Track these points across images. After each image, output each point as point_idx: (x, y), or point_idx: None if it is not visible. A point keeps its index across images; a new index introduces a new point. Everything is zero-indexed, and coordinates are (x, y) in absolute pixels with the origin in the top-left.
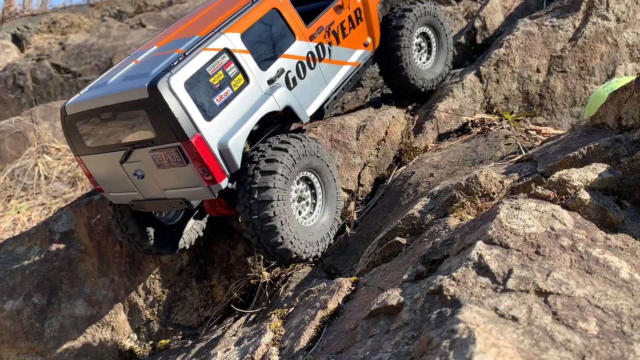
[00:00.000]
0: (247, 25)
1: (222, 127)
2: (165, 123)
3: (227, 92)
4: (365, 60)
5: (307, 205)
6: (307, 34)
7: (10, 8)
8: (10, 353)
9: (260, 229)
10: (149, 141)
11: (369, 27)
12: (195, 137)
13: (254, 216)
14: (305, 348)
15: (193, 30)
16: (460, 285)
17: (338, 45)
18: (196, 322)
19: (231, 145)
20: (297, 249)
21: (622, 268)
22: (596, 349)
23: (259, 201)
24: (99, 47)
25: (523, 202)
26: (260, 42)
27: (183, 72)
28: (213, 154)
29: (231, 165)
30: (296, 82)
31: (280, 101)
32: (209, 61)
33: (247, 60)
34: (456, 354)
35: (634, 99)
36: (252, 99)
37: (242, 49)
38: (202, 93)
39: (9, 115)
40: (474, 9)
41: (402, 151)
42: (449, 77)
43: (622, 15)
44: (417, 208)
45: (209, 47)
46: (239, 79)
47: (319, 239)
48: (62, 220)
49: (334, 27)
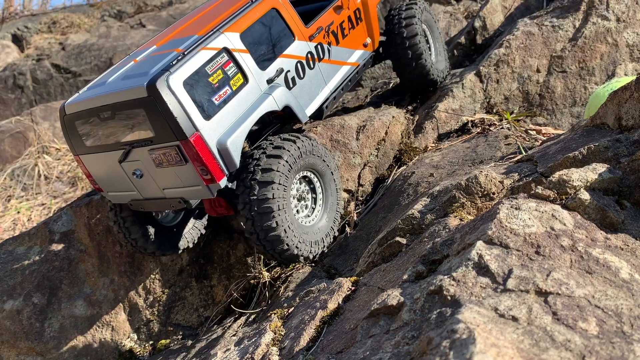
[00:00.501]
0: (246, 25)
1: (221, 126)
2: (164, 122)
3: (226, 92)
4: (364, 60)
5: (306, 208)
6: (307, 34)
7: (10, 8)
8: (10, 353)
9: (257, 209)
10: (148, 140)
11: (369, 27)
12: (194, 136)
13: (252, 196)
14: (305, 348)
15: (192, 30)
16: (460, 285)
17: (337, 45)
18: (196, 322)
19: (230, 144)
20: (289, 239)
21: (622, 268)
22: (596, 349)
23: (260, 181)
24: (99, 47)
25: (523, 202)
26: (260, 42)
27: (182, 71)
28: (212, 153)
29: (230, 164)
30: (295, 82)
31: (279, 101)
32: (208, 60)
33: (246, 59)
34: (456, 354)
35: (634, 99)
36: (251, 98)
37: (242, 48)
38: (201, 92)
39: (9, 115)
40: (474, 9)
41: (402, 151)
42: (449, 77)
43: (622, 15)
44: (417, 208)
45: (208, 46)
46: (238, 78)
47: (313, 240)
48: (62, 220)
49: (334, 28)
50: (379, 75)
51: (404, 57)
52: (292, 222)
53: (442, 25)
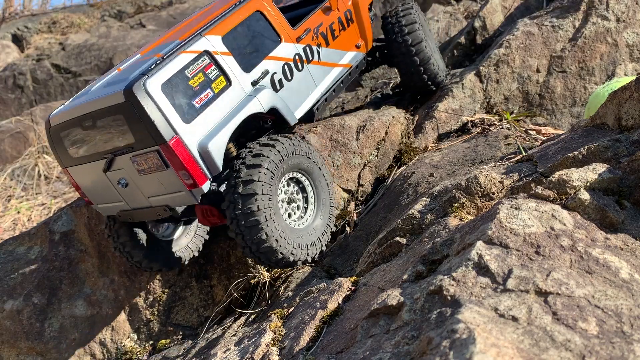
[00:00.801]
0: (228, 27)
1: (202, 129)
2: (142, 127)
3: (207, 95)
4: (357, 62)
5: (298, 209)
6: (294, 35)
7: (10, 8)
8: (10, 353)
9: (244, 224)
10: (129, 147)
11: (361, 29)
12: (173, 140)
13: (237, 211)
14: (305, 348)
15: (176, 36)
16: (460, 285)
17: (328, 47)
18: (196, 322)
19: (211, 147)
20: (283, 248)
21: (622, 268)
22: (596, 349)
23: (243, 194)
24: (99, 47)
25: (523, 202)
26: (243, 45)
27: (160, 74)
28: (193, 156)
29: (212, 167)
30: (283, 83)
31: (264, 102)
32: (188, 63)
33: (228, 62)
34: (456, 354)
35: (634, 99)
36: (234, 100)
37: (224, 51)
38: (180, 95)
39: (9, 115)
40: (474, 9)
41: (402, 151)
42: (449, 77)
43: (622, 15)
44: (417, 208)
45: (188, 49)
46: (221, 81)
47: (309, 242)
48: (62, 220)
49: (323, 29)
50: (379, 75)
51: (412, 65)
52: (284, 230)
53: (442, 25)
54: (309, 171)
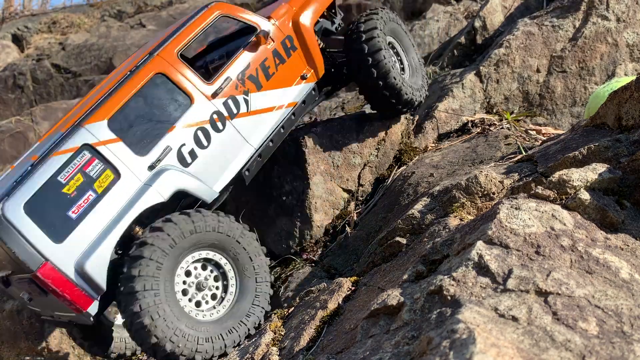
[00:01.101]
0: (115, 107)
1: (80, 245)
2: (10, 256)
3: (87, 199)
4: (304, 96)
5: (213, 298)
6: (209, 91)
7: (10, 8)
8: (10, 353)
9: (131, 328)
10: (12, 272)
11: (307, 55)
12: (42, 268)
13: (123, 312)
14: (305, 348)
15: (66, 122)
16: (460, 285)
17: (260, 90)
18: None
19: (89, 266)
20: (181, 349)
21: (622, 268)
22: (596, 349)
23: (124, 294)
24: (99, 47)
25: (523, 202)
26: (137, 123)
27: (22, 193)
28: (69, 280)
29: (95, 287)
30: (195, 154)
31: (164, 189)
32: (61, 167)
33: (116, 150)
34: (456, 354)
35: (634, 99)
36: (126, 195)
37: (110, 138)
38: (50, 210)
39: (9, 115)
40: (474, 9)
41: (402, 151)
42: (449, 77)
43: (622, 15)
44: (417, 208)
45: (61, 149)
46: (107, 175)
47: (223, 333)
48: None
49: (251, 71)
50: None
51: (370, 78)
52: (180, 327)
53: (442, 25)
54: (222, 247)
